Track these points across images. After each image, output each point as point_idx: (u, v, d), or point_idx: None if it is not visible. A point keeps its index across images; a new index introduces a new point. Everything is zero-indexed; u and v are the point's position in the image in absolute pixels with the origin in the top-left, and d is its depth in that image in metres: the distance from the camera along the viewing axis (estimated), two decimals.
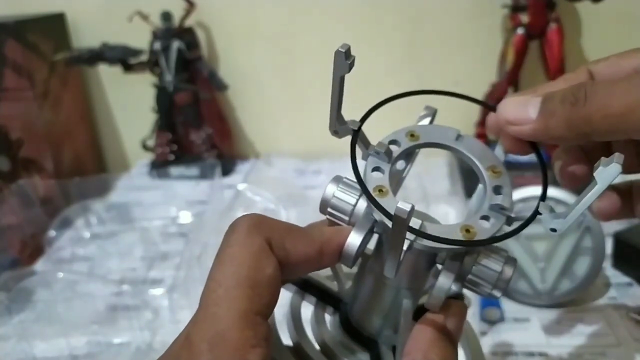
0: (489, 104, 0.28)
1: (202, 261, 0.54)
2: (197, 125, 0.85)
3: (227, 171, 0.85)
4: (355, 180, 0.24)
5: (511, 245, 0.50)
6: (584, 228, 0.49)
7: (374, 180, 0.24)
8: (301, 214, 0.65)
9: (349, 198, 0.25)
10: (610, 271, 0.55)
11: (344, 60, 0.24)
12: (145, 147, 0.87)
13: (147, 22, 0.80)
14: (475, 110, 0.77)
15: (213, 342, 0.21)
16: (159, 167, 0.85)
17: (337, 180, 0.25)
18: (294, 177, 0.82)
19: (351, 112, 0.30)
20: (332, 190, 0.25)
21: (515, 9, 0.74)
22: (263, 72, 0.88)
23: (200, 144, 0.86)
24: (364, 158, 0.25)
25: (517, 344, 0.47)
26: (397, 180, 0.27)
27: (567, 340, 0.47)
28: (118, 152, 0.96)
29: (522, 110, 0.25)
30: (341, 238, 0.24)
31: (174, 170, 0.85)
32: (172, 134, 0.86)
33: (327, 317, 0.29)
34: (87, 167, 0.89)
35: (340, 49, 0.23)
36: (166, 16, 0.81)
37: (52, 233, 0.68)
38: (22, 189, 0.70)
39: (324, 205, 0.25)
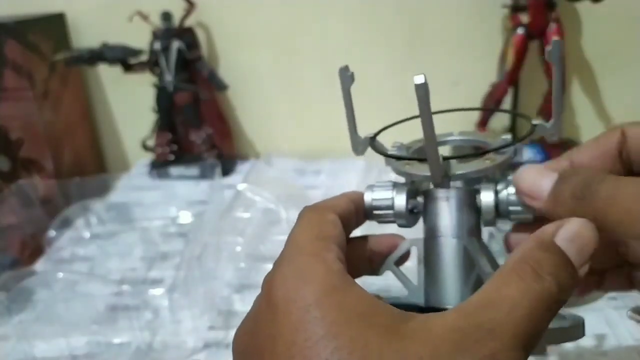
0: (522, 114, 0.32)
1: (202, 261, 0.54)
2: (197, 125, 0.85)
3: (227, 171, 0.85)
4: (383, 182, 0.28)
5: None
6: None
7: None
8: None
9: (386, 193, 0.28)
10: None
11: (347, 73, 0.28)
12: (145, 147, 0.87)
13: (147, 22, 0.80)
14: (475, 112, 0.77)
15: (289, 255, 0.23)
16: (159, 167, 0.85)
17: (370, 186, 0.29)
18: (294, 177, 0.82)
19: (357, 110, 0.30)
20: (369, 195, 0.28)
21: (515, 9, 0.74)
22: (263, 72, 0.88)
23: (200, 144, 0.86)
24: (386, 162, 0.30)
25: None
26: None
27: None
28: (118, 152, 0.96)
29: (536, 183, 0.25)
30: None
31: (174, 170, 0.85)
32: (172, 134, 0.86)
33: None
34: (87, 167, 0.89)
35: (341, 67, 0.27)
36: (166, 16, 0.81)
37: (52, 233, 0.68)
38: (22, 189, 0.70)
39: (369, 211, 0.28)
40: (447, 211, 0.26)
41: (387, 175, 0.70)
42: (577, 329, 0.25)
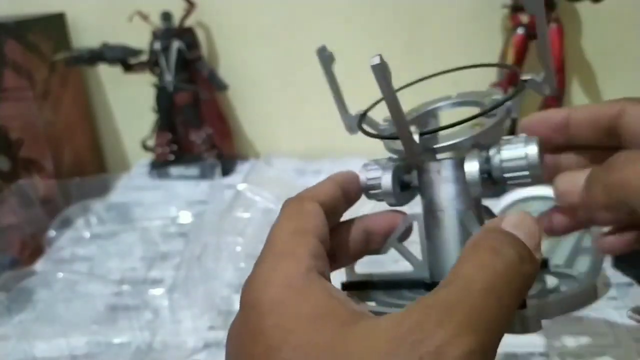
0: (508, 65, 0.31)
1: (202, 261, 0.54)
2: (197, 125, 0.85)
3: (227, 171, 0.85)
4: (377, 161, 0.27)
5: None
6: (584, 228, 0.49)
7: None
8: None
9: (376, 172, 0.27)
10: (610, 271, 0.55)
11: (325, 53, 0.28)
12: (145, 147, 0.87)
13: (147, 22, 0.80)
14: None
15: (263, 254, 0.23)
16: (159, 167, 0.85)
17: (365, 165, 0.28)
18: (294, 177, 0.82)
19: (351, 110, 0.30)
20: (363, 175, 0.28)
21: (515, 9, 0.74)
22: (263, 72, 0.88)
23: (200, 144, 0.86)
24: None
25: (517, 344, 0.47)
26: None
27: (567, 340, 0.47)
28: (118, 152, 0.96)
29: (572, 183, 0.27)
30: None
31: (174, 170, 0.85)
32: (172, 134, 0.86)
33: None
34: (87, 167, 0.89)
35: (319, 47, 0.27)
36: (166, 16, 0.81)
37: (52, 233, 0.68)
38: (22, 189, 0.70)
39: (366, 191, 0.28)
40: (439, 184, 0.26)
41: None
42: (586, 294, 0.25)
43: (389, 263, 0.31)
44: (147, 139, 0.87)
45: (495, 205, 0.51)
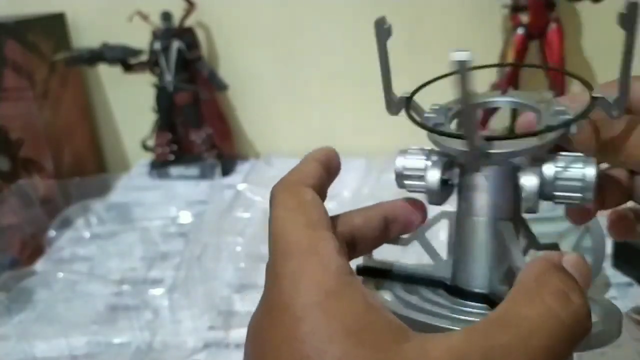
0: (578, 76, 0.26)
1: (202, 261, 0.54)
2: (197, 125, 0.85)
3: (227, 171, 0.85)
4: (418, 148, 0.25)
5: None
6: (584, 228, 0.49)
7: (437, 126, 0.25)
8: None
9: (419, 163, 0.25)
10: (610, 271, 0.55)
11: (383, 26, 0.25)
12: (145, 147, 0.87)
13: (147, 22, 0.80)
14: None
15: (282, 252, 0.21)
16: (159, 167, 0.85)
17: (403, 152, 0.26)
18: None
19: (352, 110, 0.30)
20: (401, 161, 0.25)
21: (515, 9, 0.74)
22: (263, 72, 0.88)
23: (200, 144, 0.86)
24: (421, 120, 0.26)
25: None
26: None
27: None
28: (118, 152, 0.96)
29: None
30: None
31: (174, 170, 0.85)
32: (172, 134, 0.86)
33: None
34: (87, 167, 0.89)
35: (378, 19, 0.25)
36: (166, 16, 0.81)
37: (52, 233, 0.68)
38: (22, 189, 0.70)
39: (400, 178, 0.26)
40: (484, 190, 0.24)
41: (388, 176, 0.70)
42: (608, 332, 0.23)
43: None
44: (147, 139, 0.87)
45: None
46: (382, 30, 0.25)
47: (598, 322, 0.23)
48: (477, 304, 0.24)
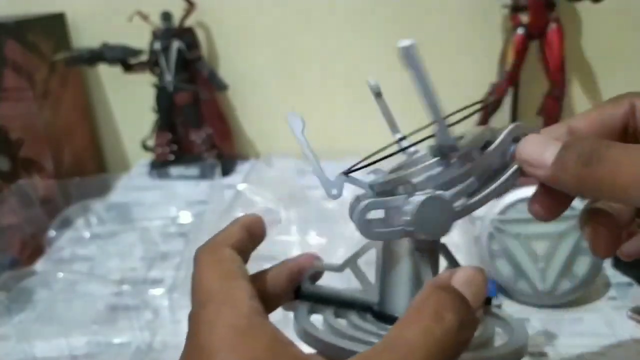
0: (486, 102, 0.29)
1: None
2: (197, 125, 0.85)
3: (227, 171, 0.85)
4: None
5: (511, 245, 0.50)
6: None
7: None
8: (301, 214, 0.65)
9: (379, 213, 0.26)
10: (610, 271, 0.55)
11: (296, 119, 0.28)
12: (145, 147, 0.87)
13: (147, 22, 0.80)
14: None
15: (200, 301, 0.24)
16: (159, 167, 0.85)
17: (356, 199, 0.27)
18: (294, 177, 0.82)
19: (352, 110, 0.30)
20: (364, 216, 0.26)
21: (515, 9, 0.74)
22: (263, 72, 0.88)
23: (200, 144, 0.86)
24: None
25: None
26: None
27: (567, 340, 0.47)
28: (118, 152, 0.96)
29: (539, 153, 0.25)
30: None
31: (174, 170, 0.85)
32: (172, 134, 0.86)
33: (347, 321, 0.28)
34: (87, 167, 0.89)
35: (290, 113, 0.27)
36: (166, 16, 0.81)
37: (52, 233, 0.68)
38: (22, 189, 0.70)
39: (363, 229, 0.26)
40: (399, 220, 0.26)
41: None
42: (517, 353, 0.25)
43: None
44: (147, 139, 0.87)
45: (496, 205, 0.51)
46: (296, 122, 0.27)
47: (507, 341, 0.25)
48: None
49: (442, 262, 0.28)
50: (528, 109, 0.79)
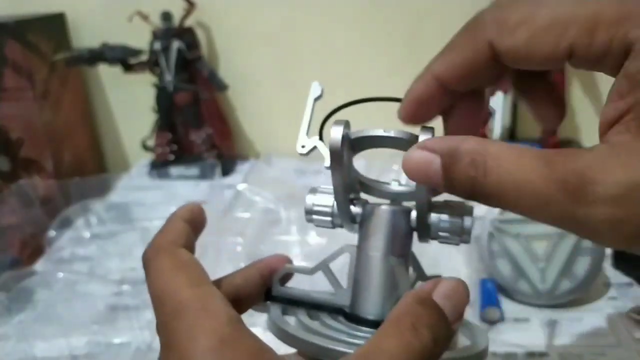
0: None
1: (202, 261, 0.54)
2: (197, 125, 0.85)
3: (227, 171, 0.85)
4: (328, 187, 0.28)
5: (511, 245, 0.50)
6: None
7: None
8: (301, 214, 0.65)
9: (327, 199, 0.28)
10: (610, 271, 0.55)
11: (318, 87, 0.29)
12: (145, 147, 0.87)
13: (147, 22, 0.80)
14: None
15: (174, 311, 0.23)
16: (159, 167, 0.85)
17: (313, 190, 0.29)
18: (294, 177, 0.82)
19: (357, 110, 0.30)
20: (310, 199, 0.29)
21: None
22: (263, 72, 0.88)
23: (200, 144, 0.86)
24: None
25: (517, 344, 0.47)
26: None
27: (567, 340, 0.47)
28: (118, 152, 0.96)
29: (425, 170, 0.23)
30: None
31: (174, 170, 0.85)
32: (172, 134, 0.86)
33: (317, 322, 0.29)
34: (87, 167, 0.89)
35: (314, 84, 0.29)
36: (166, 16, 0.81)
37: (52, 233, 0.68)
38: (22, 189, 0.70)
39: (308, 214, 0.29)
40: (379, 229, 0.27)
41: (388, 176, 0.70)
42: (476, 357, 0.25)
43: None
44: (147, 139, 0.87)
45: None
46: (317, 91, 0.29)
47: (469, 345, 0.26)
48: (371, 330, 0.26)
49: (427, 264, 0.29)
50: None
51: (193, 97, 0.84)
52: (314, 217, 0.29)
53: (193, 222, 0.28)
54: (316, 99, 0.29)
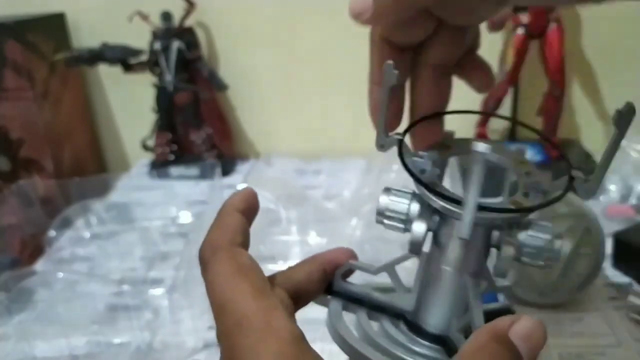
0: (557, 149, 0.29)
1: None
2: (197, 125, 0.85)
3: (227, 171, 0.85)
4: (402, 189, 0.26)
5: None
6: (584, 228, 0.49)
7: (424, 178, 0.26)
8: (301, 214, 0.65)
9: (402, 204, 0.26)
10: (610, 271, 0.55)
11: (392, 70, 0.25)
12: (145, 147, 0.87)
13: (147, 22, 0.80)
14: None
15: (237, 326, 0.22)
16: (159, 167, 0.85)
17: (387, 190, 0.26)
18: (294, 177, 0.82)
19: (351, 110, 0.30)
20: (385, 200, 0.26)
21: (516, 9, 0.74)
22: (263, 72, 0.88)
23: (200, 144, 0.86)
24: (408, 164, 0.27)
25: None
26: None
27: (567, 340, 0.47)
28: (118, 152, 0.96)
29: (363, 2, 0.26)
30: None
31: (174, 170, 0.85)
32: (172, 134, 0.86)
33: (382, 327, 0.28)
34: (87, 167, 0.89)
35: (388, 62, 0.25)
36: (166, 16, 0.81)
37: (52, 233, 0.68)
38: (22, 189, 0.70)
39: (380, 216, 0.26)
40: (458, 245, 0.25)
41: (388, 176, 0.70)
42: None
43: None
44: (147, 139, 0.87)
45: None
46: (390, 75, 0.25)
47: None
48: (431, 345, 0.25)
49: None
50: (528, 108, 0.79)
51: (193, 97, 0.84)
52: (386, 221, 0.26)
53: (248, 211, 0.27)
54: (392, 88, 0.26)
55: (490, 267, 0.26)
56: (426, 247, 0.26)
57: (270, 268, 0.25)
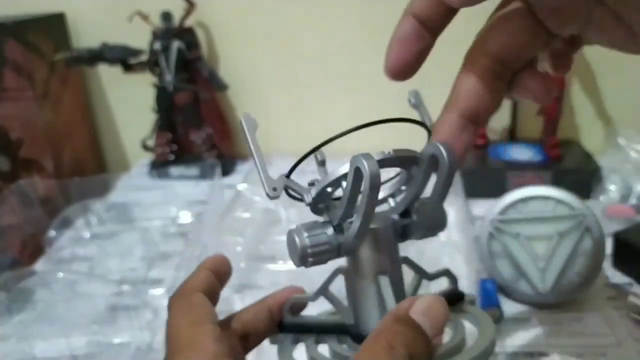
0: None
1: (202, 261, 0.54)
2: (197, 125, 0.85)
3: (227, 171, 0.85)
4: (310, 223, 0.28)
5: (511, 245, 0.50)
6: (584, 228, 0.49)
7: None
8: (301, 214, 0.65)
9: (322, 236, 0.27)
10: (610, 271, 0.55)
11: (250, 118, 0.29)
12: (145, 147, 0.87)
13: (147, 22, 0.80)
14: None
15: (172, 351, 0.26)
16: (159, 167, 0.85)
17: (298, 230, 0.28)
18: (294, 176, 0.82)
19: (351, 110, 0.30)
20: (304, 241, 0.27)
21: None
22: (263, 72, 0.88)
23: (200, 144, 0.86)
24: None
25: (517, 344, 0.47)
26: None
27: (567, 340, 0.47)
28: (118, 152, 0.96)
29: None
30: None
31: (174, 170, 0.85)
32: (172, 134, 0.86)
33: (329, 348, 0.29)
34: (87, 167, 0.89)
35: (245, 113, 0.28)
36: (166, 16, 0.81)
37: (52, 233, 0.68)
38: (22, 189, 0.70)
39: (304, 258, 0.27)
40: (362, 252, 0.27)
41: (386, 175, 0.70)
42: (488, 351, 0.25)
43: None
44: (147, 139, 0.87)
45: (496, 205, 0.51)
46: (250, 122, 0.29)
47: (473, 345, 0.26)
48: None
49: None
50: (528, 108, 0.79)
51: (193, 97, 0.84)
52: (311, 260, 0.27)
53: (217, 271, 0.30)
54: (254, 131, 0.29)
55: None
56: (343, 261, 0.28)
57: (271, 268, 0.25)
